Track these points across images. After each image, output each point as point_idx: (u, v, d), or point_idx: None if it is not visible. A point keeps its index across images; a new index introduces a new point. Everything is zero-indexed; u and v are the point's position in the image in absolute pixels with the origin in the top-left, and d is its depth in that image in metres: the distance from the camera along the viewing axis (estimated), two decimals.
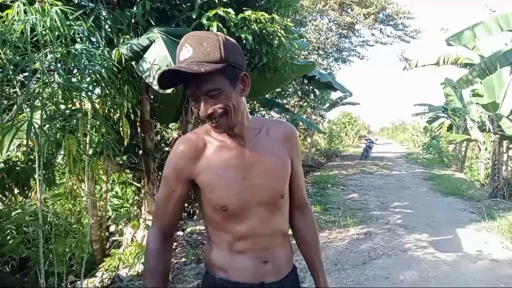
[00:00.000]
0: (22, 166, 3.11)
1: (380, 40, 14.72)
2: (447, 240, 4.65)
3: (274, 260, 1.17)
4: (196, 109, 1.04)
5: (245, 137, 1.13)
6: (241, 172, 1.11)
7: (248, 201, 1.11)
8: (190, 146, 1.11)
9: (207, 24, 3.03)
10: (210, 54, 0.97)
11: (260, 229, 1.13)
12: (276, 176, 1.15)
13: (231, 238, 1.13)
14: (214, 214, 1.13)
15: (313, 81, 7.44)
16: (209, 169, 1.10)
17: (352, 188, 8.70)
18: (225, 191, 1.10)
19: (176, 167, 1.11)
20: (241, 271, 1.13)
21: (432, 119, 17.78)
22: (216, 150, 1.11)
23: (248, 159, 1.12)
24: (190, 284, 3.29)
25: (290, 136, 1.22)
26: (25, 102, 2.43)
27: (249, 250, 1.13)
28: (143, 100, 4.06)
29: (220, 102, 1.01)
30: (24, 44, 2.20)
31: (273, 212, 1.15)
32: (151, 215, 4.27)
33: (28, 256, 3.01)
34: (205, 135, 1.14)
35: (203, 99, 1.01)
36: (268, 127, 1.19)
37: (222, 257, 1.15)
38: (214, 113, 1.02)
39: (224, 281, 1.14)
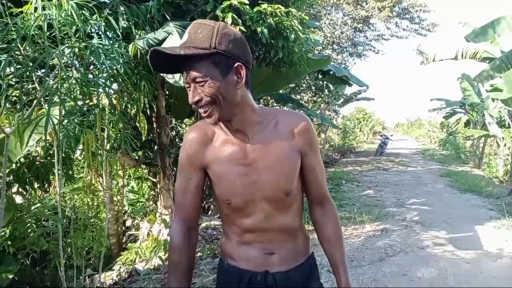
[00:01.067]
0: (42, 161, 3.16)
1: (395, 34, 14.45)
2: (465, 238, 4.56)
3: (280, 252, 1.17)
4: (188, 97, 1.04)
5: (248, 132, 1.10)
6: (243, 168, 1.10)
7: (251, 197, 1.11)
8: (200, 133, 1.13)
9: (222, 16, 3.01)
10: (200, 40, 0.97)
11: (265, 224, 1.13)
12: (279, 172, 1.11)
13: (238, 229, 1.16)
14: (223, 206, 1.16)
15: (327, 75, 7.35)
16: (216, 161, 1.11)
17: (367, 184, 8.61)
18: (228, 186, 1.11)
19: (189, 154, 1.13)
20: (247, 260, 1.16)
21: (449, 115, 17.46)
22: (222, 143, 1.12)
23: (251, 155, 1.10)
24: (206, 278, 3.30)
25: (301, 129, 1.14)
26: (44, 97, 2.46)
27: (255, 242, 1.16)
28: (158, 95, 4.08)
29: (206, 91, 1.00)
30: (42, 40, 2.22)
31: (278, 209, 1.13)
32: (166, 209, 4.31)
33: (48, 249, 3.07)
34: (214, 125, 1.11)
35: (193, 86, 1.01)
36: (278, 120, 1.13)
37: (231, 246, 1.20)
38: (201, 101, 1.01)
39: (232, 267, 1.18)
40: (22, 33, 2.11)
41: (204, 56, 0.98)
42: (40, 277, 3.66)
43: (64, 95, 2.51)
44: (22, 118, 2.29)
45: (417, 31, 14.34)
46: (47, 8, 2.22)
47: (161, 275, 3.41)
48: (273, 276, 1.15)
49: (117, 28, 2.69)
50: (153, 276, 3.36)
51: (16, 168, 3.04)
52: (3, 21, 2.17)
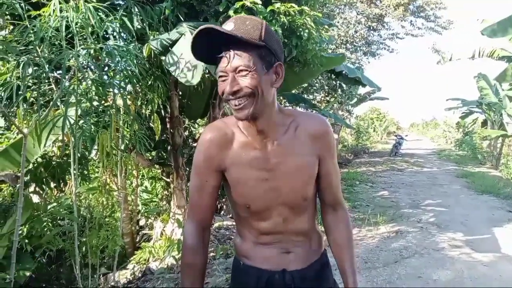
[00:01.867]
0: (58, 161, 3.22)
1: (410, 32, 14.25)
2: (483, 240, 4.46)
3: (296, 251, 1.17)
4: (220, 88, 0.99)
5: (270, 135, 1.07)
6: (264, 173, 1.08)
7: (270, 202, 1.10)
8: (219, 134, 1.09)
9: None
10: (251, 31, 0.95)
11: (283, 228, 1.14)
12: (299, 178, 1.11)
13: (255, 231, 1.16)
14: (239, 209, 1.16)
15: (340, 76, 7.30)
16: (235, 165, 1.09)
17: (381, 185, 8.50)
18: (248, 191, 1.09)
19: (207, 155, 1.09)
20: (264, 260, 1.16)
21: (465, 114, 17.14)
22: (242, 146, 1.08)
23: (271, 160, 1.08)
24: (219, 278, 3.30)
25: (321, 134, 1.13)
26: (60, 98, 2.50)
27: (272, 243, 1.16)
28: (172, 96, 4.11)
29: (248, 82, 0.95)
30: (59, 42, 2.26)
31: (296, 213, 1.14)
32: (180, 209, 4.33)
33: (64, 248, 3.11)
34: (233, 126, 1.10)
35: (231, 76, 0.96)
36: (298, 123, 1.11)
37: (247, 246, 1.19)
38: (240, 92, 0.96)
39: (249, 266, 1.18)
40: (40, 35, 2.14)
41: (252, 46, 0.96)
42: (56, 275, 3.72)
43: (80, 96, 2.54)
44: (39, 119, 2.33)
45: (432, 29, 14.12)
46: (65, 11, 2.26)
47: (174, 275, 3.43)
48: (291, 274, 1.15)
49: (131, 29, 2.72)
50: (166, 275, 3.39)
51: (33, 168, 3.11)
52: (23, 24, 2.21)
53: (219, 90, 1.00)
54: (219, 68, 0.98)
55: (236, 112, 1.00)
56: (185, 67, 2.76)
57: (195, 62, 2.72)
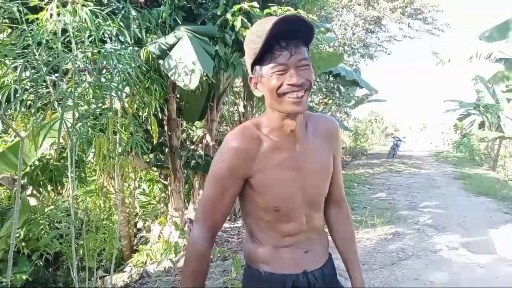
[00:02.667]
0: (55, 164, 3.22)
1: (408, 35, 14.31)
2: (480, 242, 4.47)
3: (314, 250, 1.19)
4: (278, 81, 0.99)
5: (297, 135, 1.10)
6: (293, 174, 1.10)
7: (297, 201, 1.12)
8: (246, 142, 1.07)
9: (232, 20, 3.03)
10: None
11: (305, 227, 1.15)
12: (322, 177, 1.17)
13: (278, 235, 1.14)
14: (263, 214, 1.13)
15: (338, 78, 7.35)
16: (264, 170, 1.08)
17: (379, 187, 8.51)
18: (279, 193, 1.09)
19: (232, 165, 1.06)
20: (285, 263, 1.14)
21: (463, 116, 17.16)
22: (270, 150, 1.08)
23: (299, 160, 1.11)
24: (217, 281, 3.31)
25: (333, 133, 1.21)
26: (58, 101, 2.51)
27: (294, 244, 1.15)
28: (169, 98, 4.12)
29: (308, 75, 1.00)
30: (55, 45, 2.27)
31: (316, 210, 1.18)
32: (177, 212, 4.34)
33: (61, 251, 3.11)
34: (257, 130, 1.10)
35: (294, 69, 0.99)
36: (312, 123, 1.16)
37: (266, 253, 1.16)
38: (303, 84, 0.99)
39: (270, 274, 1.14)
40: (37, 38, 2.15)
41: (306, 44, 1.02)
42: (53, 278, 3.72)
43: (78, 99, 2.55)
44: (36, 122, 2.34)
45: (430, 32, 14.18)
46: (62, 15, 2.27)
47: (171, 277, 3.44)
48: (313, 274, 1.16)
49: (128, 34, 2.73)
50: (163, 278, 3.39)
51: (31, 171, 3.11)
52: (20, 27, 2.22)
53: (277, 82, 0.99)
54: (279, 61, 0.98)
55: (296, 105, 1.01)
56: (183, 71, 2.78)
57: (193, 66, 2.73)
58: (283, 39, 0.97)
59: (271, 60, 0.99)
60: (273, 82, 0.99)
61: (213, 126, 4.81)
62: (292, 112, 1.02)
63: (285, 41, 0.98)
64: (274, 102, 1.03)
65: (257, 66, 1.03)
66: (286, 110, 1.02)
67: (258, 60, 1.02)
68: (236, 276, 3.34)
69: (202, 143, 4.96)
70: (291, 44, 0.98)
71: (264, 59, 1.00)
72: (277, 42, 0.97)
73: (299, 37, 0.99)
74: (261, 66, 1.02)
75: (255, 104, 5.88)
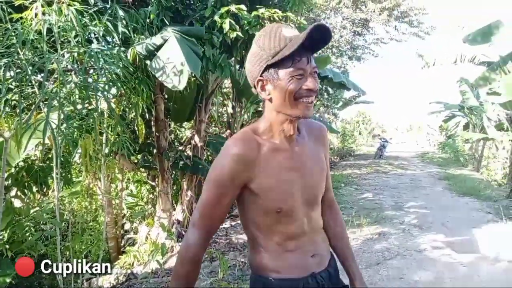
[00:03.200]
0: (40, 165, 3.18)
1: (394, 37, 14.50)
2: (463, 241, 4.57)
3: (319, 252, 1.21)
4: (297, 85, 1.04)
5: (294, 138, 1.15)
6: (293, 174, 1.13)
7: (298, 201, 1.14)
8: (246, 148, 1.09)
9: (220, 22, 3.04)
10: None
11: (307, 227, 1.17)
12: (320, 176, 1.21)
13: (281, 238, 1.15)
14: (265, 217, 1.13)
15: (326, 80, 7.40)
16: (265, 173, 1.09)
17: (365, 187, 8.61)
18: (280, 194, 1.11)
19: (232, 171, 1.07)
20: (293, 268, 1.15)
21: (448, 118, 17.46)
22: (270, 153, 1.11)
23: (298, 161, 1.15)
24: (204, 282, 3.31)
25: (323, 136, 1.28)
26: (43, 101, 2.48)
27: (298, 248, 1.16)
28: (157, 99, 4.10)
29: (318, 82, 1.07)
30: (40, 45, 2.24)
31: (315, 210, 1.21)
32: (165, 213, 4.32)
33: (46, 253, 3.07)
34: (256, 136, 1.13)
35: (311, 75, 1.05)
36: (304, 127, 1.22)
37: (272, 259, 1.16)
38: (317, 90, 1.06)
39: (279, 280, 1.15)
40: (22, 38, 2.13)
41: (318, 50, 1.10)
42: (38, 280, 3.66)
43: (63, 100, 2.53)
44: (21, 122, 2.31)
45: (416, 34, 14.40)
46: (47, 14, 2.25)
47: (158, 279, 3.42)
48: (320, 276, 1.18)
49: (115, 33, 2.72)
50: (150, 280, 3.37)
51: (15, 172, 3.06)
52: (4, 26, 2.20)
53: (295, 86, 1.04)
54: (299, 66, 1.03)
55: (307, 109, 1.07)
56: (172, 72, 2.77)
57: (181, 67, 2.73)
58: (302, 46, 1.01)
59: (291, 65, 1.03)
60: (292, 85, 1.03)
61: (201, 127, 4.80)
62: (302, 116, 1.08)
63: (304, 48, 1.02)
64: (287, 105, 1.06)
65: (272, 69, 1.05)
66: (297, 114, 1.07)
67: (275, 63, 1.04)
68: (223, 277, 3.35)
69: (190, 144, 4.94)
70: (308, 51, 1.04)
71: (282, 63, 1.03)
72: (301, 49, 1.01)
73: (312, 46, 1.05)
74: (277, 69, 1.04)
75: (243, 105, 5.89)
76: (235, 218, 5.66)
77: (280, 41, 1.01)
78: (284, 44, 1.01)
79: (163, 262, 3.70)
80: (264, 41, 1.06)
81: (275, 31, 1.05)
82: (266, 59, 1.04)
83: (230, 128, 5.88)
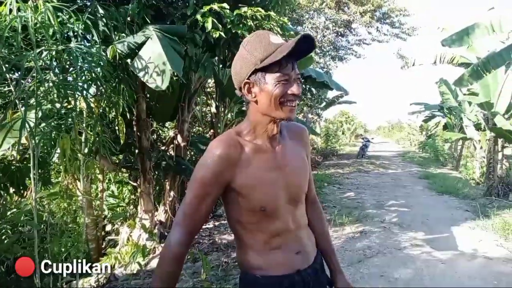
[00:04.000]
0: (17, 165, 3.09)
1: (376, 38, 14.73)
2: (442, 238, 4.67)
3: (304, 249, 1.24)
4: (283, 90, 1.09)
5: (277, 139, 1.20)
6: (275, 173, 1.17)
7: (281, 200, 1.18)
8: (229, 149, 1.12)
9: (202, 21, 3.02)
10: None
11: (291, 225, 1.21)
12: (302, 175, 1.25)
13: (266, 237, 1.18)
14: (250, 216, 1.16)
15: (309, 80, 7.46)
16: (247, 172, 1.13)
17: (348, 186, 8.72)
18: (264, 192, 1.14)
19: (215, 171, 1.11)
20: (279, 265, 1.19)
21: (428, 118, 17.84)
22: (252, 153, 1.15)
23: (280, 160, 1.19)
24: (186, 283, 3.28)
25: (305, 137, 1.34)
26: (19, 100, 2.42)
27: (283, 245, 1.19)
28: (139, 98, 4.05)
29: (301, 88, 1.12)
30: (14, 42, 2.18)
31: (299, 208, 1.25)
32: (147, 214, 4.27)
33: (23, 255, 2.99)
34: (239, 137, 1.17)
35: (295, 81, 1.10)
36: (287, 128, 1.27)
37: (258, 257, 1.19)
38: (299, 95, 1.11)
39: (266, 277, 1.18)
40: None
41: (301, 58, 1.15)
42: (15, 284, 3.57)
43: (41, 98, 2.46)
44: None
45: (397, 35, 14.66)
46: (22, 11, 2.19)
47: (139, 280, 3.38)
48: (306, 272, 1.22)
49: (96, 33, 2.66)
50: (131, 282, 3.33)
51: None
52: None
53: (281, 91, 1.09)
54: (285, 71, 1.09)
55: (290, 112, 1.12)
56: (154, 72, 2.74)
57: (163, 66, 2.70)
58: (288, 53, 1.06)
59: (278, 70, 1.08)
60: (278, 90, 1.09)
61: (184, 127, 4.76)
62: (286, 118, 1.13)
63: (289, 55, 1.06)
64: (272, 108, 1.11)
65: (259, 73, 1.10)
66: (281, 116, 1.12)
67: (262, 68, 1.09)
68: (206, 278, 3.33)
69: (173, 144, 4.89)
70: (292, 58, 1.10)
71: (269, 68, 1.08)
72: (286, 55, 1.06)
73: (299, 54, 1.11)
74: (264, 73, 1.09)
75: (227, 104, 5.87)
76: (219, 218, 5.64)
77: (268, 47, 1.07)
78: (272, 50, 1.07)
79: (145, 263, 3.66)
80: (253, 46, 1.10)
81: (264, 37, 1.10)
82: (255, 63, 1.09)
83: (213, 128, 5.86)
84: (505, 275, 3.53)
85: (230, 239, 4.55)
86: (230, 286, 3.27)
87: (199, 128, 7.30)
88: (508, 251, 4.18)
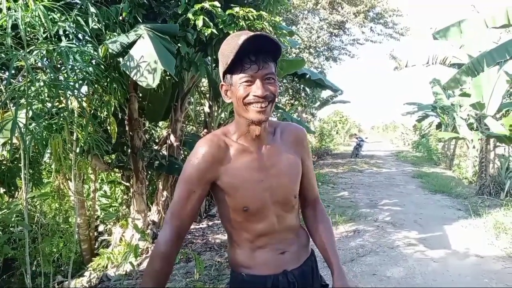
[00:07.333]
0: (8, 165, 3.07)
1: (370, 39, 14.80)
2: (434, 237, 4.71)
3: (290, 250, 1.24)
4: (245, 91, 1.08)
5: (264, 139, 1.19)
6: (260, 174, 1.17)
7: (266, 201, 1.17)
8: (214, 148, 1.14)
9: (193, 19, 3.02)
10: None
11: (277, 227, 1.20)
12: (290, 178, 1.23)
13: (251, 236, 1.19)
14: (235, 215, 1.18)
15: (303, 79, 7.48)
16: (231, 171, 1.15)
17: (342, 186, 8.75)
18: (247, 193, 1.15)
19: (200, 168, 1.13)
20: (264, 265, 1.19)
21: (421, 118, 17.96)
22: (237, 153, 1.16)
23: (266, 162, 1.18)
24: (179, 283, 3.27)
25: (301, 139, 1.30)
26: (10, 100, 2.39)
27: (268, 245, 1.20)
28: (131, 98, 4.03)
29: (273, 88, 1.09)
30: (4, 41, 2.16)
31: (287, 211, 1.23)
32: (139, 214, 4.25)
33: (14, 257, 2.97)
34: (225, 137, 1.18)
35: (260, 82, 1.07)
36: (281, 130, 1.26)
37: (244, 255, 1.21)
38: (267, 96, 1.08)
39: (251, 276, 1.19)
40: None
41: (274, 59, 1.11)
42: (7, 285, 3.54)
43: (32, 98, 2.44)
44: None
45: (391, 36, 14.73)
46: (13, 9, 2.17)
47: (132, 281, 3.37)
48: (292, 273, 1.21)
49: (87, 30, 2.65)
50: (124, 282, 3.31)
51: None
52: None
53: (243, 92, 1.08)
54: (247, 73, 1.07)
55: (259, 114, 1.09)
56: (145, 70, 2.73)
57: (154, 65, 2.69)
58: (253, 53, 1.06)
59: (241, 71, 1.07)
60: (240, 91, 1.08)
61: (177, 126, 4.75)
62: (255, 119, 1.11)
63: (255, 55, 1.06)
64: (241, 110, 1.11)
65: (228, 74, 1.11)
66: (251, 117, 1.11)
67: (229, 70, 1.09)
68: (199, 278, 3.33)
69: (166, 143, 4.88)
70: (260, 59, 1.06)
71: (234, 69, 1.08)
72: (247, 55, 1.06)
73: (268, 53, 1.08)
74: (231, 75, 1.10)
75: (220, 104, 5.87)
76: (212, 218, 5.64)
77: (232, 49, 1.05)
78: (235, 51, 1.05)
79: (137, 263, 3.65)
80: (223, 48, 1.11)
81: (232, 39, 1.09)
82: (224, 66, 1.10)
83: (207, 127, 5.84)
84: (496, 273, 3.56)
85: (223, 239, 4.55)
86: (223, 285, 3.27)
87: (192, 127, 7.28)
88: (499, 249, 4.22)
